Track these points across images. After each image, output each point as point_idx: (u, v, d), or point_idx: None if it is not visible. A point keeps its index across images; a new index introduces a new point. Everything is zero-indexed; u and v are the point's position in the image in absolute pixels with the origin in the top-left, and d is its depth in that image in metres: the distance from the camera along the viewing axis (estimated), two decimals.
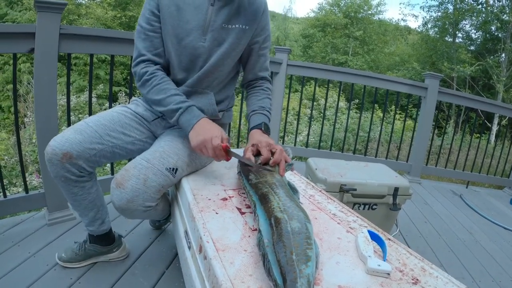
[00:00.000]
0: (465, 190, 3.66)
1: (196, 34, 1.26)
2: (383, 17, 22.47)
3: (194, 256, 0.90)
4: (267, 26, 1.39)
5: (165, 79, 1.28)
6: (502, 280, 1.95)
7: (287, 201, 0.90)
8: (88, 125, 1.25)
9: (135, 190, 1.12)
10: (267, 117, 1.38)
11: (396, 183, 1.86)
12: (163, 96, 1.23)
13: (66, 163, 1.21)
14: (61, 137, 1.21)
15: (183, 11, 1.26)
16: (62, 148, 1.18)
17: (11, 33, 1.60)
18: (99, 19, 13.23)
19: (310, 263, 0.68)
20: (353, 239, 0.89)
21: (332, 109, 8.86)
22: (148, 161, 1.16)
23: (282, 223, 0.79)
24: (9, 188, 4.19)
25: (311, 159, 2.06)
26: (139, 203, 1.13)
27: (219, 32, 1.28)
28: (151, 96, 1.26)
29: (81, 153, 1.21)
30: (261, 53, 1.43)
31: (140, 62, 1.29)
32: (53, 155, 1.19)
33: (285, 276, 0.65)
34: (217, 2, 1.26)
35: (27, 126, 6.11)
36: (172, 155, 1.21)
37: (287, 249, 0.71)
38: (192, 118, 1.19)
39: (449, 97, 3.55)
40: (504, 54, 13.52)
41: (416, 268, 0.80)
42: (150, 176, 1.14)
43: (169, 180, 1.19)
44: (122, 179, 1.13)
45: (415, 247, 2.15)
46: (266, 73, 1.49)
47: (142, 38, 1.30)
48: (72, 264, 1.51)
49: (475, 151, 4.21)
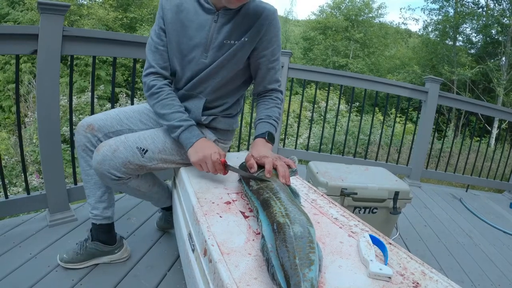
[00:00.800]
0: (465, 193, 3.67)
1: (198, 51, 1.33)
2: (384, 20, 22.56)
3: (198, 259, 0.91)
4: (275, 38, 1.37)
5: (171, 95, 1.36)
6: (501, 284, 1.95)
7: (288, 205, 0.90)
8: (113, 111, 1.50)
9: (104, 155, 1.25)
10: (272, 126, 1.39)
11: (397, 187, 1.87)
12: (167, 111, 1.32)
13: (88, 133, 1.41)
14: (90, 116, 1.46)
15: (187, 28, 1.32)
16: (88, 121, 1.42)
17: (15, 34, 1.60)
18: (101, 20, 13.25)
19: (313, 267, 0.69)
20: (355, 243, 0.90)
21: (332, 112, 8.87)
22: (126, 137, 1.31)
23: (284, 228, 0.80)
24: (9, 188, 4.20)
25: (312, 163, 2.07)
26: (105, 168, 1.25)
27: (220, 49, 1.32)
28: (156, 109, 1.35)
29: (102, 127, 1.42)
30: (271, 66, 1.43)
31: (150, 74, 1.38)
32: (80, 126, 1.42)
33: (289, 280, 0.66)
34: (220, 19, 1.29)
35: (28, 126, 6.12)
36: (148, 139, 1.33)
37: (290, 253, 0.71)
38: (192, 137, 1.28)
39: (449, 101, 3.56)
40: (505, 58, 13.56)
41: (416, 272, 0.81)
42: (120, 148, 1.27)
43: (137, 158, 1.29)
44: (100, 146, 1.29)
45: (415, 251, 2.16)
46: (276, 84, 1.49)
47: (152, 51, 1.38)
48: (73, 265, 1.52)
49: (475, 155, 4.22)
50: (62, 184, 1.88)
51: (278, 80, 1.50)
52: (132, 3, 14.96)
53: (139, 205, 2.18)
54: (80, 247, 1.53)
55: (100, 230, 1.52)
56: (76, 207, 2.04)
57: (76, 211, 1.97)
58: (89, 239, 1.54)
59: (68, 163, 4.13)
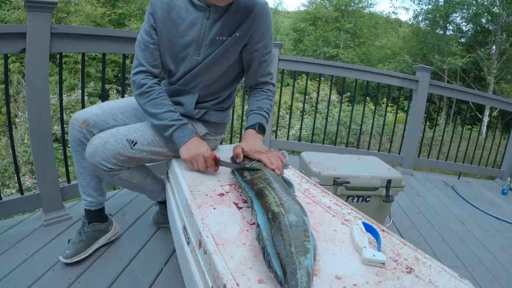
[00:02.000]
0: (457, 181, 3.71)
1: (191, 49, 1.33)
2: (374, 10, 22.55)
3: (193, 252, 0.91)
4: (267, 31, 1.38)
5: (162, 94, 1.37)
6: (495, 268, 1.98)
7: (283, 195, 0.92)
8: (107, 104, 1.52)
9: (96, 147, 1.28)
10: (263, 117, 1.41)
11: (389, 175, 1.89)
12: (159, 111, 1.32)
13: (84, 129, 1.45)
14: (84, 110, 1.48)
15: (179, 26, 1.32)
16: (83, 116, 1.45)
17: (2, 34, 1.58)
18: (89, 17, 13.09)
19: (308, 255, 0.70)
20: (348, 231, 0.91)
21: (324, 102, 8.89)
22: (117, 130, 1.34)
23: (279, 217, 0.80)
24: (2, 190, 4.17)
25: (304, 153, 2.08)
26: (96, 159, 1.28)
27: (212, 45, 1.32)
28: (147, 108, 1.35)
29: (97, 123, 1.46)
30: (263, 59, 1.43)
31: (140, 72, 1.37)
32: (74, 120, 1.45)
33: (285, 268, 0.66)
34: (211, 16, 1.29)
35: (19, 126, 6.06)
36: (137, 131, 1.36)
37: (286, 242, 0.72)
38: (184, 135, 1.30)
39: (440, 89, 3.59)
40: (495, 46, 13.64)
41: (410, 257, 0.82)
42: (111, 141, 1.30)
43: (127, 150, 1.31)
44: (93, 138, 1.32)
45: (408, 238, 2.18)
46: (268, 77, 1.50)
47: (142, 49, 1.37)
48: (78, 256, 1.55)
49: (466, 143, 4.26)
50: (56, 183, 1.87)
51: (270, 73, 1.51)
52: None
53: (133, 201, 2.18)
54: (79, 234, 1.60)
55: (94, 214, 1.61)
56: (70, 206, 2.03)
57: (71, 210, 1.96)
58: (85, 223, 1.61)
59: (60, 162, 4.10)
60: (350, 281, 0.71)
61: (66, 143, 1.99)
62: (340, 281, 0.71)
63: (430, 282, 0.74)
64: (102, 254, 1.63)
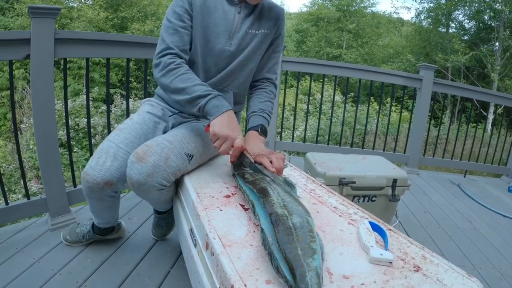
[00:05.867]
0: (463, 179, 3.69)
1: (223, 38, 1.34)
2: (376, 9, 22.53)
3: (200, 253, 0.91)
4: (283, 32, 1.47)
5: (190, 71, 1.28)
6: (502, 266, 1.97)
7: (285, 196, 0.91)
8: (119, 147, 1.29)
9: (157, 166, 1.15)
10: (265, 119, 1.40)
11: (394, 174, 1.88)
12: (189, 84, 1.21)
13: (108, 189, 1.31)
14: (100, 166, 1.26)
15: (214, 14, 1.33)
16: (104, 177, 1.25)
17: (7, 40, 1.60)
18: (91, 22, 13.15)
19: (316, 256, 0.69)
20: (355, 231, 0.91)
21: (328, 103, 8.87)
22: (170, 142, 1.21)
23: (283, 219, 0.80)
24: (9, 195, 4.19)
25: (310, 154, 2.08)
26: (157, 180, 1.16)
27: (244, 37, 1.36)
28: (175, 84, 1.23)
29: (120, 177, 1.28)
30: (273, 55, 1.49)
31: (167, 54, 1.28)
32: (94, 184, 1.27)
33: (294, 271, 0.66)
34: (243, 11, 1.35)
35: (24, 132, 6.10)
36: (191, 143, 1.27)
37: (292, 244, 0.72)
38: (221, 106, 1.19)
39: (444, 87, 3.57)
40: (498, 43, 13.57)
41: (417, 256, 0.82)
42: (171, 156, 1.19)
43: (185, 165, 1.24)
44: (144, 154, 1.16)
45: (415, 237, 2.17)
46: (273, 76, 1.53)
47: (171, 33, 1.30)
48: (75, 244, 1.69)
49: (471, 141, 4.24)
50: (62, 187, 1.88)
51: (276, 72, 1.55)
52: (122, 2, 14.86)
53: (139, 204, 2.18)
54: (83, 237, 1.68)
55: (102, 230, 1.67)
56: (77, 210, 2.04)
57: (77, 214, 1.97)
58: (90, 232, 1.68)
59: (66, 167, 4.12)
60: (358, 281, 0.71)
61: (71, 148, 2.00)
62: (348, 281, 0.71)
63: (438, 280, 0.73)
64: (109, 258, 1.63)
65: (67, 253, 1.64)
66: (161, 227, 1.77)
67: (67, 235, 1.71)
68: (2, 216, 1.79)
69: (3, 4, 13.02)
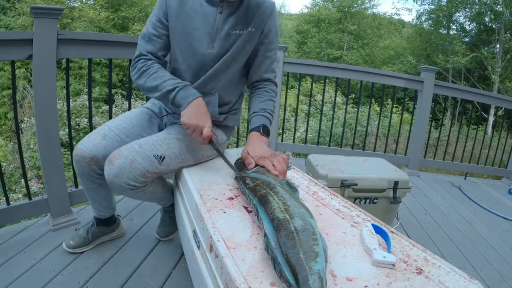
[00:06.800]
0: (464, 181, 3.69)
1: (205, 42, 1.32)
2: (377, 11, 22.54)
3: (204, 255, 0.92)
4: (274, 28, 1.40)
5: (162, 69, 1.33)
6: (503, 268, 1.97)
7: (287, 199, 0.90)
8: (110, 130, 1.41)
9: (121, 168, 1.23)
10: (267, 119, 1.39)
11: (396, 176, 1.89)
12: (159, 82, 1.27)
13: (93, 165, 1.38)
14: (88, 142, 1.37)
15: (192, 18, 1.31)
16: (90, 152, 1.35)
17: (9, 40, 1.60)
18: (93, 22, 13.16)
19: (318, 259, 0.69)
20: (358, 233, 0.91)
21: (329, 104, 8.88)
22: (140, 146, 1.28)
23: (285, 223, 0.80)
24: (9, 194, 4.19)
25: (311, 156, 2.08)
26: (123, 180, 1.23)
27: (226, 38, 1.32)
28: (148, 84, 1.29)
29: (106, 156, 1.33)
30: (268, 54, 1.44)
31: (140, 59, 1.34)
32: (81, 158, 1.36)
33: (296, 275, 0.66)
34: (225, 10, 1.30)
35: (24, 132, 6.10)
36: (163, 145, 1.31)
37: (294, 248, 0.72)
38: (188, 95, 1.23)
39: (445, 89, 3.57)
40: (499, 45, 13.56)
41: (419, 258, 0.82)
42: (137, 159, 1.24)
43: (155, 167, 1.28)
44: (113, 157, 1.25)
45: (416, 239, 2.16)
46: (272, 75, 1.49)
47: (146, 40, 1.35)
48: (80, 249, 1.66)
49: (472, 143, 4.24)
50: (63, 188, 1.88)
51: (274, 71, 1.50)
52: (123, 2, 14.86)
53: (141, 205, 2.18)
54: (86, 232, 1.69)
55: (103, 221, 1.70)
56: (78, 210, 2.04)
57: (79, 214, 1.97)
58: (94, 225, 1.69)
59: (67, 167, 4.12)
60: (361, 283, 0.71)
61: (73, 148, 2.00)
62: (351, 283, 0.71)
63: (440, 282, 0.74)
64: (111, 259, 1.63)
65: (68, 253, 1.64)
66: (167, 225, 1.78)
67: (70, 240, 1.67)
68: (3, 217, 1.79)
69: (5, 3, 13.03)
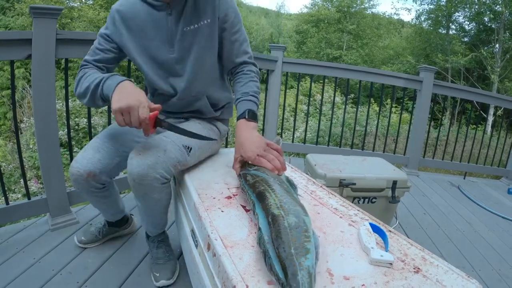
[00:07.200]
0: (463, 181, 3.69)
1: (164, 49, 1.29)
2: (376, 11, 22.56)
3: (202, 254, 0.92)
4: (231, 9, 1.31)
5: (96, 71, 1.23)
6: (502, 268, 1.98)
7: (284, 196, 0.91)
8: (103, 142, 1.34)
9: (156, 157, 1.15)
10: (252, 102, 1.30)
11: (394, 176, 1.89)
12: (90, 82, 1.16)
13: (91, 181, 1.31)
14: (82, 158, 1.29)
15: (145, 30, 1.27)
16: (86, 168, 1.28)
17: (8, 40, 1.60)
18: (92, 22, 13.17)
19: (309, 255, 0.70)
20: (356, 232, 0.91)
21: (328, 104, 8.89)
22: (166, 136, 1.24)
23: (279, 219, 0.80)
24: (8, 194, 4.19)
25: (310, 155, 2.08)
26: (158, 171, 1.15)
27: (184, 38, 1.27)
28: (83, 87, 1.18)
29: (103, 169, 1.31)
30: (233, 38, 1.35)
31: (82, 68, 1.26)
32: (78, 176, 1.29)
33: (286, 270, 0.67)
34: (173, 11, 1.25)
35: (24, 131, 6.10)
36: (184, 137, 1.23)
37: (286, 244, 0.72)
38: (113, 83, 1.09)
39: (444, 89, 3.58)
40: (498, 45, 13.59)
41: (417, 257, 0.82)
42: (169, 147, 1.20)
43: (185, 157, 1.24)
44: (143, 148, 1.17)
45: (414, 239, 2.18)
46: (245, 56, 1.41)
47: (91, 54, 1.30)
48: (91, 245, 1.72)
49: (471, 142, 4.25)
50: (62, 187, 1.89)
51: (246, 52, 1.42)
52: None
53: None
54: (99, 232, 1.72)
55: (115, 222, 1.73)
56: (77, 210, 2.04)
57: (78, 214, 1.97)
58: (106, 225, 1.73)
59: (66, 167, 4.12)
60: (359, 282, 0.72)
61: (72, 148, 2.01)
62: (348, 282, 0.71)
63: (438, 281, 0.74)
64: (110, 258, 1.64)
65: (67, 253, 1.64)
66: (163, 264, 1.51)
67: (81, 236, 1.72)
68: (2, 216, 1.79)
69: (4, 3, 13.03)
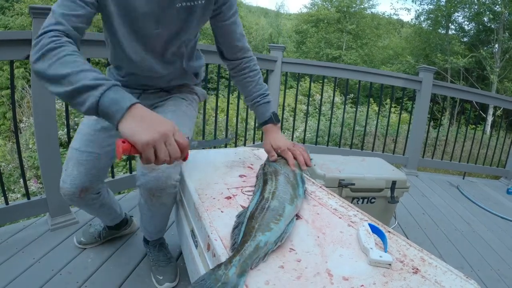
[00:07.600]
0: (462, 181, 3.70)
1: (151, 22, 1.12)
2: (376, 11, 22.58)
3: (202, 254, 0.92)
4: None
5: (78, 53, 0.87)
6: (501, 268, 1.98)
7: (282, 186, 1.01)
8: (81, 152, 1.26)
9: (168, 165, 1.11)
10: (270, 102, 1.36)
11: (394, 176, 1.89)
12: (73, 70, 0.81)
13: (86, 195, 1.30)
14: (67, 177, 1.26)
15: None
16: (77, 186, 1.25)
17: (8, 40, 1.60)
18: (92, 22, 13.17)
19: (268, 233, 0.78)
20: (355, 233, 0.92)
21: (327, 104, 8.89)
22: None
23: (263, 201, 0.91)
24: (8, 194, 4.19)
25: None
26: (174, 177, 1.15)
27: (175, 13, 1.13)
28: (53, 71, 0.82)
29: (93, 179, 1.28)
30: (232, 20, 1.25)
31: (51, 30, 0.88)
32: (71, 195, 1.27)
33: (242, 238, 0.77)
34: None
35: (23, 131, 6.10)
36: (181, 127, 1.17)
37: (255, 220, 0.83)
38: (122, 99, 0.79)
39: (443, 89, 3.58)
40: (497, 45, 13.60)
41: (416, 258, 0.82)
42: None
43: None
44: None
45: (413, 239, 2.18)
46: (244, 40, 1.32)
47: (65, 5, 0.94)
48: (91, 245, 1.71)
49: (471, 142, 4.25)
50: None
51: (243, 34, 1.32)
52: None
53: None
54: (99, 235, 1.72)
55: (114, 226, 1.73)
56: (77, 210, 2.04)
57: (77, 214, 1.97)
58: (105, 228, 1.73)
59: None
60: (357, 282, 0.72)
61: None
62: (347, 282, 0.72)
63: (436, 282, 0.74)
64: (109, 258, 1.64)
65: (67, 253, 1.64)
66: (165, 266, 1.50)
67: (81, 237, 1.72)
68: (2, 216, 1.79)
69: (3, 3, 13.03)
